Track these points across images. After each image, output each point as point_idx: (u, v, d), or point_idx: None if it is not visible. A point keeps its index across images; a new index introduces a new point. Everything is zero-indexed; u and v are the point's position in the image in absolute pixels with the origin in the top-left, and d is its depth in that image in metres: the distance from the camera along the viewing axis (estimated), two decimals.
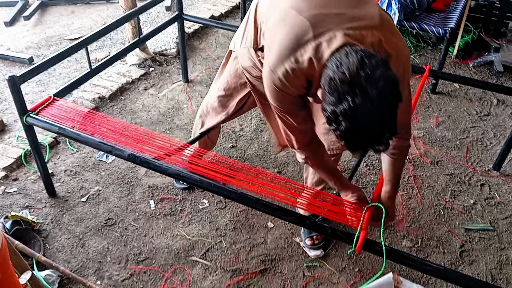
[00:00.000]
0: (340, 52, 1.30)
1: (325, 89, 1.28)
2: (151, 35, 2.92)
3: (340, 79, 1.23)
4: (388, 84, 1.22)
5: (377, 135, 1.28)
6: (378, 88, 1.20)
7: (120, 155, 1.94)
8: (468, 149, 2.90)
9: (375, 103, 1.20)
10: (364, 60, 1.23)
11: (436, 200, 2.55)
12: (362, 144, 1.31)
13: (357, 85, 1.20)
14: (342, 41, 1.33)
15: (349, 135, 1.26)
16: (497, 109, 3.26)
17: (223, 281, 2.14)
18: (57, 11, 4.42)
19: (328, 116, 1.27)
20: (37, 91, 3.28)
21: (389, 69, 1.25)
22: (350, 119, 1.22)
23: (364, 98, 1.20)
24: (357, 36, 1.36)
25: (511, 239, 2.36)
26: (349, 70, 1.22)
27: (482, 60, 3.69)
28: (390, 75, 1.24)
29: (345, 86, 1.22)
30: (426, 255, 2.28)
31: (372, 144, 1.31)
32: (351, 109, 1.20)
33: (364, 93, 1.20)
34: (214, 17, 4.28)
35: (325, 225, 1.69)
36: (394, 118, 1.28)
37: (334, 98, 1.24)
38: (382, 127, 1.27)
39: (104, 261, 2.20)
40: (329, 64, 1.30)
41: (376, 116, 1.23)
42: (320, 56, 1.36)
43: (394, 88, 1.24)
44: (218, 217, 2.43)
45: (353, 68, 1.22)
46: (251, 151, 2.84)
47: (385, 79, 1.21)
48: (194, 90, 3.37)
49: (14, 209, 2.40)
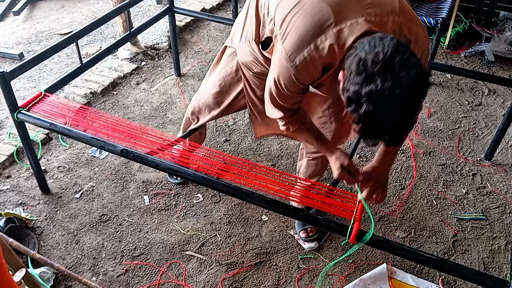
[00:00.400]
0: (373, 36, 1.26)
1: (351, 69, 1.23)
2: (142, 28, 2.91)
3: (372, 60, 1.18)
4: (421, 75, 1.19)
5: (394, 126, 1.25)
6: (410, 76, 1.17)
7: (113, 151, 1.93)
8: (460, 139, 2.92)
9: (405, 91, 1.17)
10: (399, 47, 1.19)
11: (428, 191, 2.57)
12: (377, 131, 1.26)
13: (390, 68, 1.17)
14: (365, 28, 1.31)
15: (367, 119, 1.22)
16: (488, 99, 3.28)
17: (219, 275, 2.15)
18: (47, 6, 4.38)
19: (349, 96, 1.23)
20: (28, 87, 3.26)
21: (421, 62, 1.22)
22: (374, 102, 1.18)
23: (394, 83, 1.16)
24: (378, 22, 1.34)
25: (503, 228, 2.38)
26: (384, 52, 1.18)
27: (473, 50, 3.70)
28: (424, 68, 1.21)
29: (376, 68, 1.18)
30: (419, 245, 2.29)
31: (385, 135, 1.27)
32: (378, 91, 1.16)
33: (395, 78, 1.16)
34: (205, 10, 4.26)
35: (318, 217, 1.70)
36: (415, 113, 1.24)
37: (361, 78, 1.20)
38: (401, 119, 1.23)
39: (99, 257, 2.20)
40: (359, 45, 1.26)
41: (400, 105, 1.19)
42: (342, 42, 1.33)
43: (424, 81, 1.21)
44: (213, 211, 2.44)
45: (388, 51, 1.18)
46: (245, 144, 2.84)
47: (418, 69, 1.19)
48: (186, 84, 3.36)
49: (8, 206, 2.39)
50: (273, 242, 2.30)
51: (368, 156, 2.77)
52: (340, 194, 1.80)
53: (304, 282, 2.14)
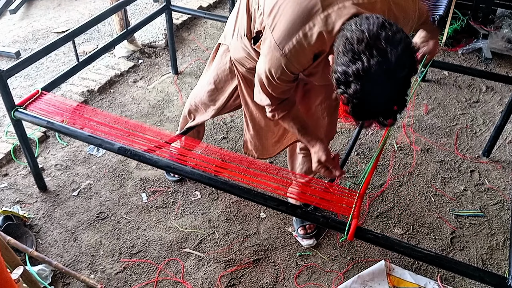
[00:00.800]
0: (359, 17, 1.25)
1: (339, 50, 1.22)
2: (139, 26, 2.90)
3: (358, 38, 1.18)
4: (408, 50, 1.18)
5: (385, 104, 1.23)
6: (397, 52, 1.15)
7: (110, 148, 1.93)
8: (457, 136, 2.92)
9: (391, 68, 1.15)
10: (385, 24, 1.18)
11: (426, 187, 2.57)
12: (368, 111, 1.24)
13: (375, 45, 1.15)
14: (352, 11, 1.30)
15: (357, 99, 1.20)
16: (486, 95, 3.28)
17: (217, 272, 2.14)
18: (43, 4, 4.37)
19: (337, 77, 1.22)
20: (25, 86, 3.25)
21: (410, 38, 1.21)
22: (362, 80, 1.17)
23: (381, 60, 1.15)
24: (366, 4, 1.33)
25: (501, 225, 2.39)
26: (369, 30, 1.17)
27: (471, 47, 3.70)
28: (411, 44, 1.19)
29: (362, 46, 1.17)
30: (417, 242, 2.30)
31: (378, 114, 1.26)
32: (365, 70, 1.15)
33: (382, 55, 1.15)
34: (202, 7, 4.25)
35: (316, 214, 1.69)
36: (405, 91, 1.22)
37: (347, 57, 1.18)
38: (392, 97, 1.22)
39: (97, 255, 2.19)
40: (347, 26, 1.25)
41: (388, 82, 1.18)
42: (331, 28, 1.32)
43: (412, 58, 1.19)
44: (211, 208, 2.43)
45: (373, 28, 1.17)
46: (242, 142, 2.84)
47: (405, 44, 1.17)
48: (183, 82, 3.35)
49: (5, 204, 2.38)
50: (271, 239, 2.30)
51: (366, 153, 2.77)
52: (338, 191, 1.80)
53: (302, 279, 2.14)
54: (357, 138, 2.15)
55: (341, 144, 2.83)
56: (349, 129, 2.94)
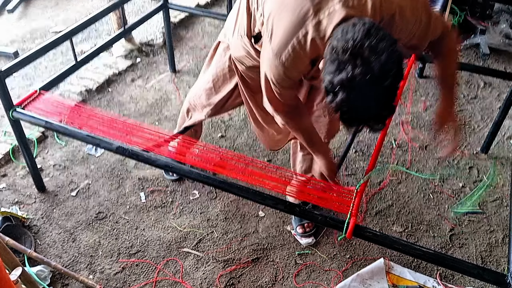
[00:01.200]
0: (348, 23, 1.25)
1: (326, 59, 1.24)
2: (136, 25, 2.89)
3: (342, 47, 1.18)
4: (393, 59, 1.18)
5: (373, 111, 1.24)
6: (381, 60, 1.15)
7: (109, 148, 1.93)
8: None
9: (376, 77, 1.16)
10: (370, 31, 1.18)
11: (425, 185, 2.57)
12: (356, 118, 1.27)
13: (359, 55, 1.16)
14: (343, 14, 1.30)
15: (344, 108, 1.22)
16: (484, 91, 3.27)
17: (216, 271, 2.14)
18: (41, 4, 4.36)
19: (325, 86, 1.23)
20: (23, 85, 3.24)
21: (396, 44, 1.21)
22: (348, 89, 1.18)
23: (365, 70, 1.16)
24: (356, 5, 1.32)
25: (500, 222, 2.39)
26: (353, 39, 1.18)
27: (468, 42, 3.69)
28: (396, 51, 1.19)
29: (346, 55, 1.17)
30: (416, 240, 2.30)
31: (367, 121, 1.28)
32: (349, 79, 1.17)
33: (365, 64, 1.16)
34: (200, 5, 4.24)
35: (315, 213, 1.69)
36: (392, 97, 1.23)
37: (334, 67, 1.20)
38: (379, 104, 1.23)
39: (96, 255, 2.19)
40: (334, 33, 1.26)
41: (374, 90, 1.19)
42: (322, 34, 1.33)
43: (397, 65, 1.20)
44: (209, 207, 2.43)
45: (357, 37, 1.17)
46: (241, 140, 2.84)
47: (389, 52, 1.17)
48: (181, 80, 3.35)
49: (4, 205, 2.38)
50: (270, 238, 2.30)
51: (364, 150, 2.77)
52: (336, 189, 1.80)
53: (301, 278, 2.14)
54: (355, 136, 2.15)
55: (340, 141, 2.83)
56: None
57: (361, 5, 1.33)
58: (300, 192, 1.79)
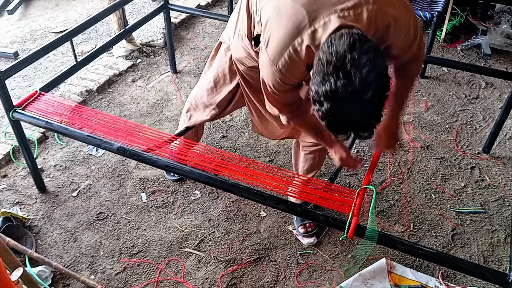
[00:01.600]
0: (336, 34, 1.28)
1: (313, 69, 1.27)
2: (137, 26, 2.89)
3: (327, 59, 1.21)
4: (374, 72, 1.20)
5: (357, 121, 1.27)
6: (362, 74, 1.18)
7: (109, 148, 1.92)
8: (457, 133, 2.91)
9: (356, 90, 1.19)
10: (355, 44, 1.20)
11: (427, 184, 2.57)
12: (342, 127, 1.30)
13: (341, 68, 1.19)
14: (337, 24, 1.31)
15: (329, 117, 1.26)
16: (485, 92, 3.27)
17: (217, 271, 2.14)
18: (41, 4, 4.36)
19: (312, 96, 1.27)
20: (24, 86, 3.24)
21: (380, 57, 1.23)
22: (332, 101, 1.21)
23: (346, 82, 1.18)
24: (352, 16, 1.34)
25: (502, 221, 2.38)
26: (337, 52, 1.20)
27: (469, 43, 3.69)
28: (379, 63, 1.22)
29: (330, 68, 1.20)
30: (418, 239, 2.29)
31: (353, 130, 1.31)
32: (332, 91, 1.20)
33: (347, 77, 1.18)
34: (200, 6, 4.24)
35: (317, 213, 1.69)
36: (378, 108, 1.26)
37: (319, 78, 1.23)
38: (363, 114, 1.26)
39: (97, 255, 2.19)
40: (322, 45, 1.28)
41: (356, 102, 1.21)
42: (318, 42, 1.35)
43: (379, 77, 1.22)
44: (211, 207, 2.43)
45: (341, 50, 1.20)
46: (242, 140, 2.83)
47: (371, 66, 1.19)
48: (182, 80, 3.35)
49: (4, 205, 2.38)
50: (272, 238, 2.29)
51: (365, 150, 2.76)
52: (338, 189, 1.79)
53: (303, 278, 2.13)
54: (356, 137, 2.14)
55: None
56: None
57: (357, 16, 1.34)
58: (301, 192, 1.79)
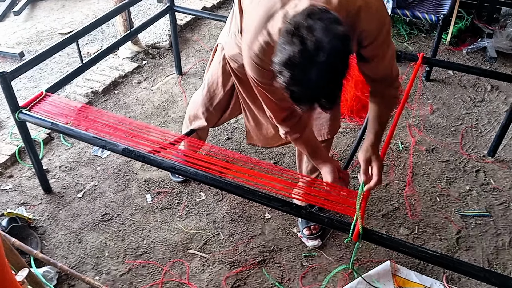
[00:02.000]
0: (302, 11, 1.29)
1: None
2: (143, 27, 2.90)
3: (286, 29, 1.23)
4: (329, 36, 1.18)
5: (318, 87, 1.25)
6: (315, 37, 1.18)
7: (115, 150, 1.93)
8: (463, 136, 2.91)
9: (311, 53, 1.18)
10: (313, 14, 1.22)
11: (431, 187, 2.56)
12: (304, 96, 1.28)
13: (296, 34, 1.20)
14: (307, 4, 1.32)
15: (290, 86, 1.25)
16: (491, 95, 3.26)
17: (222, 273, 2.14)
18: (47, 6, 4.38)
19: (274, 68, 1.26)
20: (29, 87, 3.26)
21: (338, 24, 1.21)
22: (289, 68, 1.21)
23: (301, 48, 1.19)
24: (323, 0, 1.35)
25: (507, 225, 2.37)
26: (295, 22, 1.22)
27: (475, 46, 3.68)
28: (334, 29, 1.20)
29: (288, 36, 1.21)
30: (422, 243, 2.29)
31: (316, 99, 1.28)
32: (289, 58, 1.20)
33: (301, 43, 1.19)
34: (206, 8, 4.25)
35: (321, 215, 1.69)
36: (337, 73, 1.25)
37: (279, 48, 1.24)
38: (321, 79, 1.23)
39: (102, 256, 2.19)
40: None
41: (313, 66, 1.20)
42: None
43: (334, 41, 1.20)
44: (215, 209, 2.43)
45: (298, 19, 1.22)
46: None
47: (325, 30, 1.18)
48: (188, 82, 3.35)
49: (10, 206, 2.39)
50: (276, 240, 2.29)
51: None
52: (342, 192, 1.79)
53: (307, 280, 2.13)
54: (362, 138, 2.14)
55: (346, 144, 2.82)
56: (354, 129, 2.93)
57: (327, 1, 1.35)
58: (306, 195, 1.79)
